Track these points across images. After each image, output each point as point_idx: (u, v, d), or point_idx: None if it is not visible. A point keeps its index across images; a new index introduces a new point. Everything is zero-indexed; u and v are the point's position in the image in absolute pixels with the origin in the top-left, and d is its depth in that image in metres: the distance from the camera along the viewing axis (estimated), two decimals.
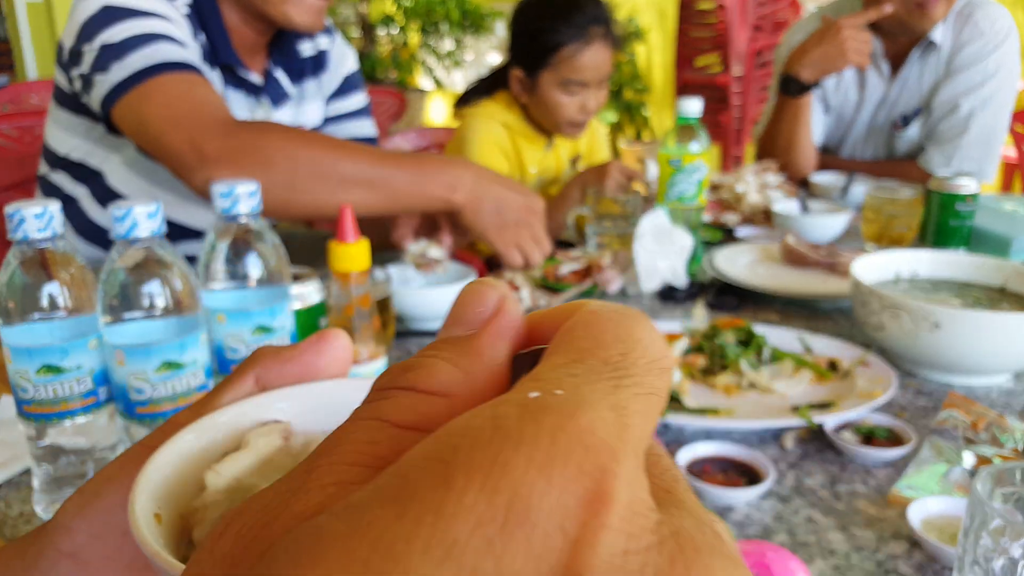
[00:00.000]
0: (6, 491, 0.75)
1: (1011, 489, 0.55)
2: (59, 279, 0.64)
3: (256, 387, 0.31)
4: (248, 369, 0.31)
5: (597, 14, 1.64)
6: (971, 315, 0.90)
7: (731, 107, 4.18)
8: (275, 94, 1.36)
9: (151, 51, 1.11)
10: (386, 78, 5.72)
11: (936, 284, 1.11)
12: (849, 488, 0.75)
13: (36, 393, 0.65)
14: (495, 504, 0.14)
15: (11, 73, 5.54)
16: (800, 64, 1.81)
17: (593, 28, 1.62)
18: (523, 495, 0.14)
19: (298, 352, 0.31)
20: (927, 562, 0.65)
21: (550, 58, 1.64)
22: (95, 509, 0.30)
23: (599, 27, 1.63)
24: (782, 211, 1.60)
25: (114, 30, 1.12)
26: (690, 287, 1.29)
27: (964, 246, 1.42)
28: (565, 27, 1.62)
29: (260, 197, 0.71)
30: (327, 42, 1.45)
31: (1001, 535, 0.51)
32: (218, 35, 1.25)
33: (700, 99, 1.33)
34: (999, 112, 1.84)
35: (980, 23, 1.81)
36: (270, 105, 1.35)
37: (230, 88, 1.30)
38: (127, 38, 1.12)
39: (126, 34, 1.12)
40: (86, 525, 0.30)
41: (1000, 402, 0.92)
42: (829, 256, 1.34)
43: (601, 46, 1.64)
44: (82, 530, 0.30)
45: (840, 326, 1.15)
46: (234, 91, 1.30)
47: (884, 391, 0.87)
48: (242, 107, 1.32)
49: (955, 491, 0.73)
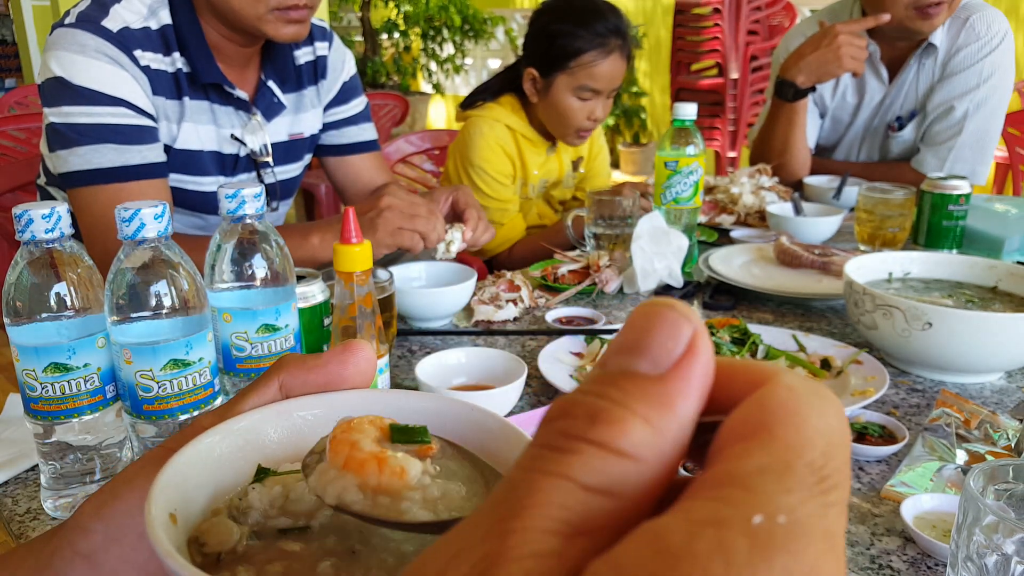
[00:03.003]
0: (14, 488, 0.76)
1: (1004, 486, 0.56)
2: (66, 279, 0.65)
3: (280, 394, 0.31)
4: (273, 376, 0.31)
5: (618, 25, 1.65)
6: (963, 315, 0.92)
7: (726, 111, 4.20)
8: (267, 107, 1.35)
9: (89, 154, 1.16)
10: (388, 83, 5.73)
11: (928, 284, 1.12)
12: None
13: (44, 391, 0.66)
14: None
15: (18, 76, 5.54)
16: (796, 69, 1.83)
17: (613, 39, 1.64)
18: None
19: (323, 361, 0.31)
20: (920, 557, 0.66)
21: (568, 63, 1.65)
22: (113, 510, 0.30)
23: (618, 39, 1.65)
24: (776, 212, 1.61)
25: (63, 110, 1.16)
26: (686, 287, 1.30)
27: (956, 246, 1.44)
28: (587, 35, 1.63)
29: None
30: (325, 48, 1.45)
31: (994, 531, 0.51)
32: (201, 54, 1.24)
33: (695, 103, 1.34)
34: (993, 115, 1.85)
35: (976, 26, 1.82)
36: (262, 118, 1.35)
37: (218, 106, 1.29)
38: (73, 124, 1.16)
39: (72, 119, 1.16)
40: (103, 526, 0.30)
41: (992, 400, 0.93)
42: (823, 256, 1.35)
43: (618, 57, 1.66)
44: (99, 531, 0.30)
45: (833, 325, 1.16)
46: (223, 108, 1.30)
47: (877, 389, 0.89)
48: (233, 123, 1.31)
49: (948, 488, 0.74)
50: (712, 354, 0.18)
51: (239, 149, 1.33)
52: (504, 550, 0.16)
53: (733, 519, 0.15)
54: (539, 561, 0.15)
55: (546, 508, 0.16)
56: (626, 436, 0.17)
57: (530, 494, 0.16)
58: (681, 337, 0.18)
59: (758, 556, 0.14)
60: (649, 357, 0.18)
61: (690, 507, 0.15)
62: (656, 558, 0.14)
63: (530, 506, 0.16)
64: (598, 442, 0.17)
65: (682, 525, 0.15)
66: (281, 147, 1.39)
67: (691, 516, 0.15)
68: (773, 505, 0.15)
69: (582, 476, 0.16)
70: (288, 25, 1.22)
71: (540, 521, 0.16)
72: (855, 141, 2.03)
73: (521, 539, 0.16)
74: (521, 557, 0.15)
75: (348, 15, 5.99)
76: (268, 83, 1.35)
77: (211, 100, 1.28)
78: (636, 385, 0.18)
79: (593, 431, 0.17)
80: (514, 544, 0.16)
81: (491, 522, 0.16)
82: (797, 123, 1.90)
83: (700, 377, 0.18)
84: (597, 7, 1.65)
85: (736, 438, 0.17)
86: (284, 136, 1.40)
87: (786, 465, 0.16)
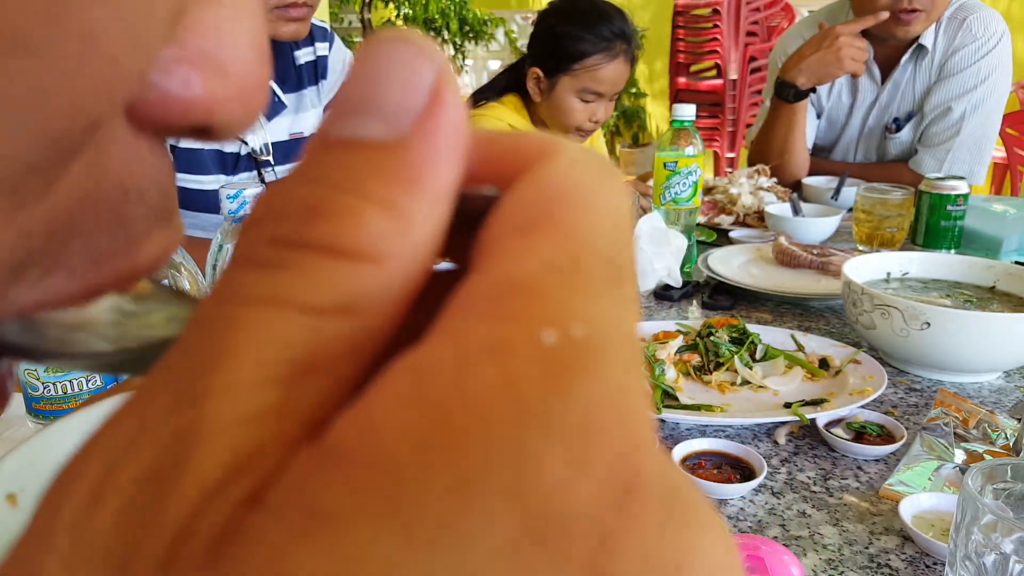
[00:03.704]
0: None
1: (1002, 485, 0.56)
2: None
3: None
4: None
5: (624, 30, 1.66)
6: (961, 314, 0.92)
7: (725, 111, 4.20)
8: (268, 106, 1.36)
9: None
10: None
11: (927, 284, 1.13)
12: (841, 483, 0.76)
13: (45, 391, 0.66)
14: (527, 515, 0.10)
15: None
16: (797, 70, 1.83)
17: (619, 43, 1.65)
18: (556, 500, 0.10)
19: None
20: (919, 556, 0.66)
21: (572, 65, 1.66)
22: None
23: (624, 43, 1.66)
24: (775, 212, 1.62)
25: None
26: (685, 287, 1.31)
27: (955, 247, 1.44)
28: (593, 37, 1.64)
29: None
30: (325, 48, 1.46)
31: (992, 531, 0.52)
32: None
33: (694, 104, 1.35)
34: (991, 116, 1.85)
35: (973, 27, 1.83)
36: (263, 118, 1.35)
37: None
38: None
39: None
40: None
41: (990, 399, 0.94)
42: (821, 256, 1.36)
43: (623, 61, 1.67)
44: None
45: (832, 325, 1.17)
46: None
47: (875, 388, 0.89)
48: None
49: (946, 487, 0.74)
50: (462, 102, 0.14)
51: (240, 148, 1.34)
52: (199, 423, 0.11)
53: (517, 340, 0.11)
54: (250, 428, 0.11)
55: (254, 350, 0.11)
56: (360, 231, 0.12)
57: (231, 334, 0.11)
58: (421, 82, 0.13)
59: (555, 386, 0.11)
60: (379, 116, 0.13)
61: (460, 328, 0.12)
62: (422, 410, 0.11)
63: (231, 351, 0.11)
64: (321, 245, 0.12)
65: (451, 356, 0.11)
66: (282, 146, 1.40)
67: (463, 341, 0.11)
68: (565, 313, 0.12)
69: (303, 295, 0.12)
70: (288, 24, 1.23)
71: (247, 370, 0.11)
72: (852, 142, 2.04)
73: (222, 401, 0.11)
74: (224, 427, 0.11)
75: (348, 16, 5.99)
76: (269, 82, 1.36)
77: None
78: (367, 158, 0.13)
79: (312, 231, 0.12)
80: (212, 410, 0.11)
81: (179, 384, 0.11)
82: (797, 124, 1.90)
83: (452, 136, 0.13)
84: (603, 10, 1.66)
85: (511, 229, 0.13)
86: (285, 135, 1.40)
87: (575, 260, 0.12)
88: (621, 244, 0.13)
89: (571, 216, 0.13)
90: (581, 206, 0.13)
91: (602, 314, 0.12)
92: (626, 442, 0.11)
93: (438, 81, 0.13)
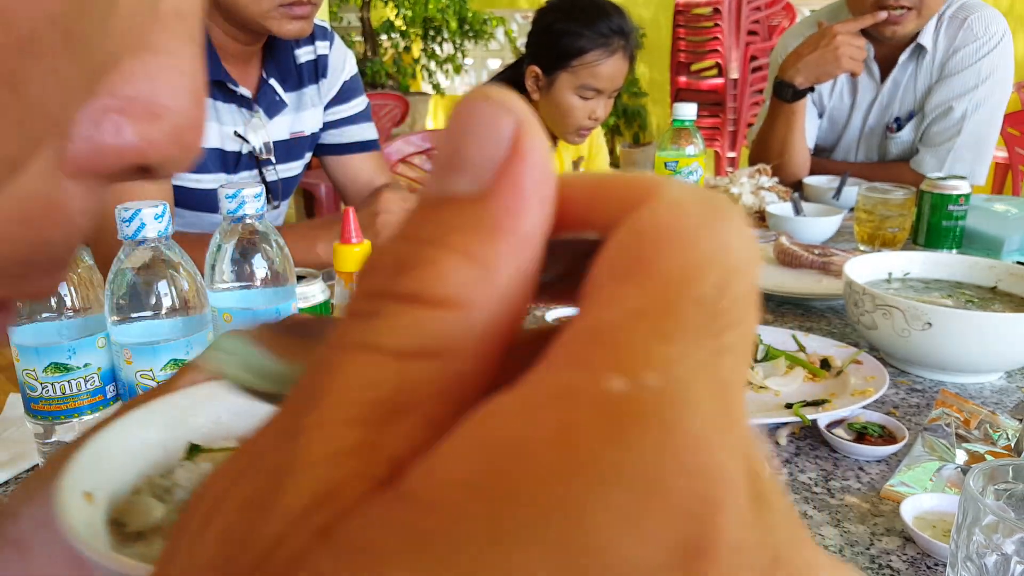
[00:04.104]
0: (14, 487, 0.76)
1: (1003, 486, 0.56)
2: (67, 279, 0.65)
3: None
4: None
5: (623, 26, 1.66)
6: (963, 315, 0.92)
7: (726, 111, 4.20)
8: (269, 104, 1.37)
9: None
10: (388, 83, 5.74)
11: (928, 284, 1.12)
12: (842, 484, 0.76)
13: (44, 391, 0.66)
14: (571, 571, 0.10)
15: None
16: (795, 70, 1.83)
17: (617, 40, 1.65)
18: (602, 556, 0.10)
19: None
20: (920, 557, 0.66)
21: (571, 62, 1.66)
22: (42, 496, 0.29)
23: (622, 39, 1.66)
24: (776, 212, 1.62)
25: None
26: None
27: (956, 247, 1.44)
28: (591, 34, 1.64)
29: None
30: (325, 47, 1.46)
31: (994, 531, 0.51)
32: (205, 52, 1.25)
33: (695, 103, 1.34)
34: (992, 115, 1.85)
35: (974, 26, 1.82)
36: (264, 116, 1.36)
37: (221, 103, 1.31)
38: None
39: None
40: (31, 511, 0.29)
41: (992, 400, 0.93)
42: (822, 256, 1.35)
43: (621, 58, 1.67)
44: (27, 516, 0.29)
45: (833, 325, 1.16)
46: (225, 105, 1.32)
47: (876, 389, 0.89)
48: (235, 120, 1.33)
49: (948, 488, 0.74)
50: (546, 152, 0.13)
51: (241, 146, 1.34)
52: (293, 457, 0.12)
53: (582, 388, 0.11)
54: (335, 465, 0.11)
55: (345, 391, 0.12)
56: (441, 280, 0.13)
57: (329, 377, 0.12)
58: (500, 135, 0.13)
59: (611, 436, 0.11)
60: (464, 171, 0.13)
61: (535, 376, 0.12)
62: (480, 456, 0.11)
63: (327, 392, 0.12)
64: (407, 295, 0.13)
65: (518, 403, 0.11)
66: (282, 145, 1.41)
67: (532, 388, 0.11)
68: (640, 361, 0.11)
69: (390, 340, 0.12)
70: (292, 22, 1.23)
71: (338, 410, 0.12)
72: (853, 142, 2.04)
73: (313, 438, 0.12)
74: (313, 463, 0.12)
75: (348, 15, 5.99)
76: (270, 81, 1.36)
77: (214, 97, 1.29)
78: (453, 212, 0.13)
79: (400, 281, 0.13)
80: (304, 446, 0.12)
81: (285, 422, 0.12)
82: (796, 124, 1.90)
83: (533, 184, 0.13)
84: (602, 7, 1.66)
85: (607, 277, 0.13)
86: (285, 134, 1.41)
87: (666, 305, 0.12)
88: (725, 288, 0.12)
89: (666, 260, 0.12)
90: (679, 249, 0.13)
91: (686, 362, 0.12)
92: (694, 500, 0.11)
93: (517, 133, 0.13)
